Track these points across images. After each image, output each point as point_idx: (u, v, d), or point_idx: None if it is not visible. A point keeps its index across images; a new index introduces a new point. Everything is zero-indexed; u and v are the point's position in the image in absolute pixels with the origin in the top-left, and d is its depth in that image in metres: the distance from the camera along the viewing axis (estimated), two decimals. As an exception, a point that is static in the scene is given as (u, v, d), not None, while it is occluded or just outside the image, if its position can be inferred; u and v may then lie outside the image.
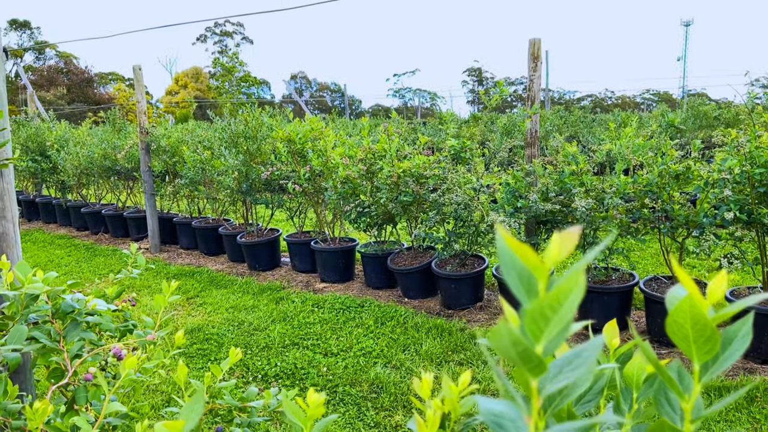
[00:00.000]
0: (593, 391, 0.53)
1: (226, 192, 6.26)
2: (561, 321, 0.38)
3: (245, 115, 5.92)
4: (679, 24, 61.43)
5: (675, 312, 0.46)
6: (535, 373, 0.40)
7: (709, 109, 11.72)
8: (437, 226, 4.85)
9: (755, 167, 3.48)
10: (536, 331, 0.39)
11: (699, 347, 0.47)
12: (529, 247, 0.41)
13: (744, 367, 3.60)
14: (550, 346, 0.39)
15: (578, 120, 13.38)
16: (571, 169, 4.25)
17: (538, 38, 4.72)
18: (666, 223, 3.89)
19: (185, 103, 46.67)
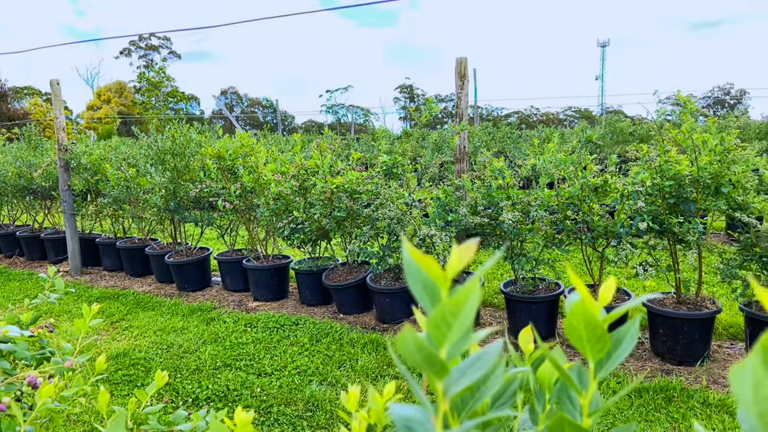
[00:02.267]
0: (506, 395, 0.56)
1: (152, 210, 6.05)
2: (462, 326, 0.41)
3: (173, 131, 5.76)
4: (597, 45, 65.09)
5: (570, 315, 0.50)
6: (440, 376, 0.42)
7: (624, 125, 12.47)
8: (371, 240, 4.88)
9: (665, 180, 3.72)
10: (439, 336, 0.41)
11: (592, 346, 0.50)
12: (433, 258, 0.43)
13: (662, 368, 3.82)
14: (454, 350, 0.42)
15: (505, 136, 13.87)
16: (498, 183, 4.40)
17: (464, 57, 4.88)
18: (587, 233, 4.09)
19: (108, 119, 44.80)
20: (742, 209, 3.79)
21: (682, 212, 3.83)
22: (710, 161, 3.71)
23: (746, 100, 66.46)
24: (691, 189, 3.75)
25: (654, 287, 5.40)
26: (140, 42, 56.02)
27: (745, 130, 11.75)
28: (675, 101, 3.63)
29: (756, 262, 3.75)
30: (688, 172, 3.74)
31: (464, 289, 0.42)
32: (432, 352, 0.40)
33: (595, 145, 10.97)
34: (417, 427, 0.42)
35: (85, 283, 6.57)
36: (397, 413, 0.43)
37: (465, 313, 0.41)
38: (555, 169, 4.28)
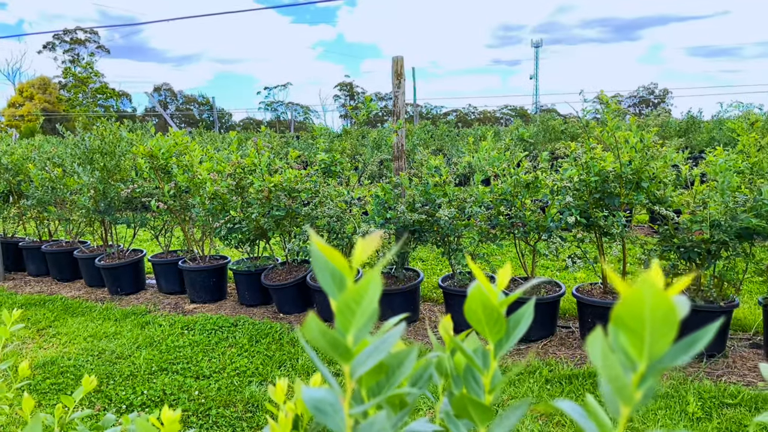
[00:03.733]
0: (423, 379, 0.59)
1: (81, 212, 5.80)
2: (365, 312, 0.44)
3: (101, 130, 5.54)
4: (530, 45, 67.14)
5: (470, 300, 0.54)
6: (346, 359, 0.45)
7: (556, 123, 12.95)
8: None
9: (591, 176, 3.91)
10: (345, 322, 0.44)
11: (491, 328, 0.54)
12: (338, 251, 0.46)
13: (590, 355, 4.01)
14: (359, 334, 0.44)
15: (444, 134, 14.12)
16: (435, 180, 4.49)
17: (400, 56, 4.94)
18: (520, 228, 4.24)
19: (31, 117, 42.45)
20: (661, 203, 4.03)
21: (607, 206, 4.03)
22: (632, 158, 3.92)
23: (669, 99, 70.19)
24: (614, 184, 3.95)
25: (584, 278, 5.65)
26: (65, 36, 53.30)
27: (666, 127, 12.45)
28: (599, 100, 3.82)
29: (674, 252, 4.00)
30: (611, 168, 3.94)
31: (366, 278, 0.45)
32: (335, 337, 0.42)
33: (529, 143, 11.35)
34: (326, 408, 0.44)
35: (8, 289, 6.23)
36: (308, 396, 0.45)
37: (367, 300, 0.44)
38: (489, 166, 4.41)
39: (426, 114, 63.86)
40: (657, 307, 0.38)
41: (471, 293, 0.54)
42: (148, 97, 51.18)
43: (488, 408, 0.53)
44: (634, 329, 0.40)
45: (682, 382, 3.47)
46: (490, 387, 0.57)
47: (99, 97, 52.88)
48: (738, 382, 3.49)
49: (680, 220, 3.93)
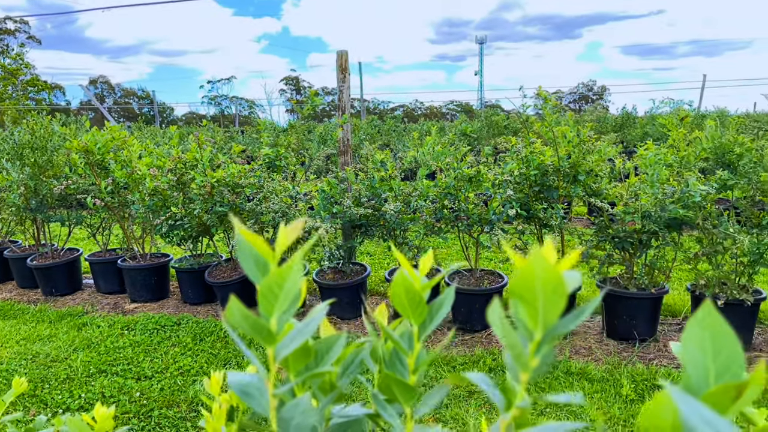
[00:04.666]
0: (355, 363, 0.61)
1: (10, 210, 5.52)
2: (288, 295, 0.45)
3: (32, 124, 5.28)
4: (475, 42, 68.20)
5: (394, 285, 0.56)
6: (269, 342, 0.46)
7: (499, 119, 13.25)
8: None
9: (531, 170, 4.03)
10: (268, 306, 0.45)
11: (414, 311, 0.56)
12: (262, 238, 0.47)
13: (531, 343, 4.14)
14: (283, 317, 0.45)
15: (391, 129, 14.18)
16: (380, 175, 4.52)
17: (345, 50, 4.93)
18: (464, 221, 4.32)
19: (-45, 109, 39.96)
20: (596, 195, 4.20)
21: (546, 199, 4.16)
22: (569, 152, 4.06)
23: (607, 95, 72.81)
24: (553, 177, 4.09)
25: (526, 269, 5.82)
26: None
27: (603, 123, 12.95)
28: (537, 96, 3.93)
29: (609, 242, 4.17)
30: (550, 162, 4.07)
31: (288, 263, 0.46)
32: (257, 321, 0.43)
33: (473, 138, 11.56)
34: (253, 391, 0.45)
35: (-69, 293, 5.86)
36: (234, 381, 0.46)
37: (289, 284, 0.45)
38: (433, 161, 4.47)
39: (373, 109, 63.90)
40: (547, 280, 0.41)
41: (395, 279, 0.56)
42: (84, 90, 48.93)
43: (412, 387, 0.55)
44: (529, 301, 0.42)
45: (617, 366, 3.64)
46: (414, 367, 0.59)
47: (30, 90, 50.27)
48: (668, 365, 3.69)
49: (614, 212, 4.10)
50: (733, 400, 0.34)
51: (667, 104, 10.72)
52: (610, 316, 4.16)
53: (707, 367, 0.37)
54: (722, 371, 0.36)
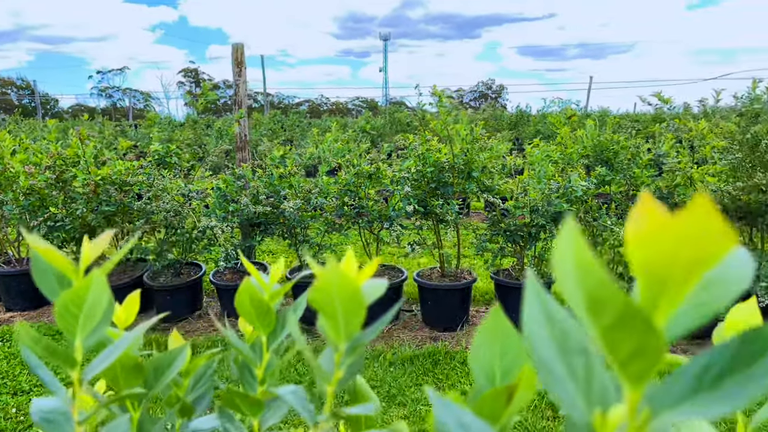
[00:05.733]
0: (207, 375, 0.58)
1: None
2: (93, 312, 0.42)
3: None
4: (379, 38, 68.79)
5: (239, 294, 0.54)
6: (70, 365, 0.42)
7: (402, 116, 13.47)
8: (147, 235, 4.56)
9: (427, 167, 4.12)
10: (68, 326, 0.42)
11: (261, 321, 0.55)
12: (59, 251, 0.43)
13: (431, 336, 4.24)
14: (90, 339, 0.42)
15: (294, 124, 13.99)
16: (280, 172, 4.44)
17: (240, 44, 4.79)
18: (364, 218, 4.34)
19: None
20: (489, 191, 4.37)
21: (443, 195, 4.27)
22: (464, 149, 4.20)
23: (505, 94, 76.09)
24: (448, 174, 4.21)
25: (427, 263, 5.96)
26: None
27: (500, 121, 13.55)
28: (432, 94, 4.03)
29: (502, 236, 4.36)
30: (446, 160, 4.18)
31: (87, 279, 0.43)
32: (50, 343, 0.40)
33: (377, 134, 11.68)
34: (57, 418, 0.41)
35: None
36: (36, 407, 0.42)
37: (91, 301, 0.42)
38: (333, 157, 4.46)
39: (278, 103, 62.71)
40: (345, 292, 0.41)
41: (241, 288, 0.54)
42: (-48, 77, 44.11)
43: (257, 400, 0.53)
44: (330, 313, 0.42)
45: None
46: (262, 378, 0.57)
47: None
48: (555, 350, 3.92)
49: (506, 206, 4.29)
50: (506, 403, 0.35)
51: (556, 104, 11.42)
52: (504, 307, 4.34)
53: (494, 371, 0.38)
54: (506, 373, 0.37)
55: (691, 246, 0.24)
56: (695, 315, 0.27)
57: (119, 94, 58.81)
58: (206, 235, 4.25)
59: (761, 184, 3.54)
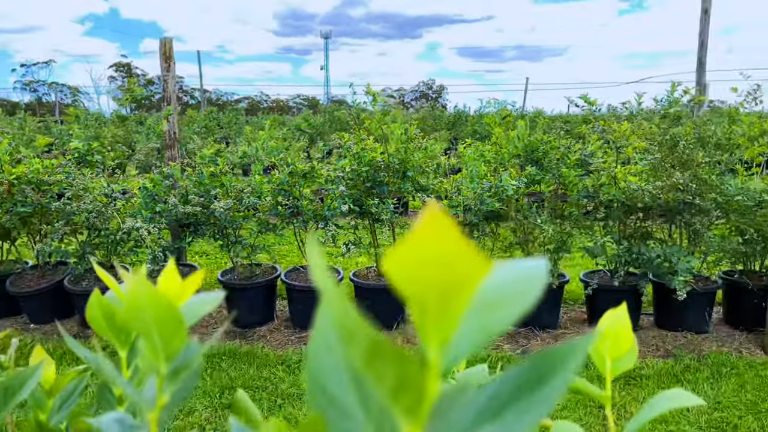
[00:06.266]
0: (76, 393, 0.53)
1: None
2: None
3: None
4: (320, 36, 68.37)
5: (89, 306, 0.49)
6: None
7: (341, 114, 13.40)
8: (68, 237, 4.32)
9: (362, 166, 4.10)
10: None
11: (116, 336, 0.50)
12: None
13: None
14: None
15: (231, 122, 13.66)
16: (210, 171, 4.30)
17: (169, 37, 4.62)
18: (298, 217, 4.28)
19: None
20: (424, 190, 4.39)
21: (378, 194, 4.26)
22: (398, 149, 4.20)
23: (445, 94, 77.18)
24: (384, 173, 4.20)
25: (366, 262, 5.94)
26: None
27: (438, 120, 13.72)
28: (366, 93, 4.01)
29: (437, 235, 4.39)
30: (381, 159, 4.17)
31: None
32: None
33: (316, 133, 11.57)
34: None
35: None
36: None
37: None
38: (266, 156, 4.36)
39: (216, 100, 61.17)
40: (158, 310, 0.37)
41: (90, 300, 0.49)
42: None
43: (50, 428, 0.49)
44: (146, 334, 0.38)
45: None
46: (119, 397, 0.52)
47: None
48: (488, 347, 3.98)
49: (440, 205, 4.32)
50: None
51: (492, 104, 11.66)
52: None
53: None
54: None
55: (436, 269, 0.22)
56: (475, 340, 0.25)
57: (45, 89, 55.76)
58: (132, 237, 4.07)
59: (679, 183, 3.72)
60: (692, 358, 3.68)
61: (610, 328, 0.44)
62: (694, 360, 3.65)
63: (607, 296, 4.10)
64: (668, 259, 3.80)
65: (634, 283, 4.01)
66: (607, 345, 0.44)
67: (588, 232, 4.17)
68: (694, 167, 3.83)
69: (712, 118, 6.51)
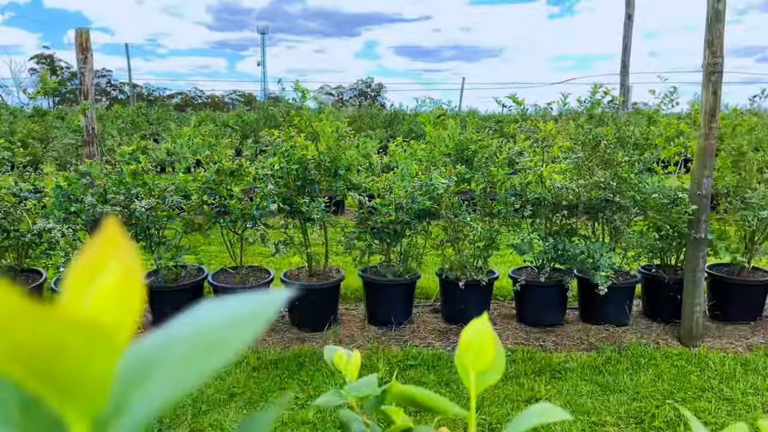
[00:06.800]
0: None
1: None
2: None
3: None
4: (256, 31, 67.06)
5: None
6: None
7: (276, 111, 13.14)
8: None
9: (292, 164, 4.01)
10: None
11: None
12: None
13: (298, 337, 4.14)
14: None
15: (161, 118, 13.15)
16: (132, 168, 4.10)
17: (85, 28, 4.37)
18: (225, 217, 4.14)
19: None
20: (356, 189, 4.35)
21: (309, 193, 4.19)
22: (329, 147, 4.14)
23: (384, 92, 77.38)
24: (314, 172, 4.13)
25: (299, 263, 5.84)
26: None
27: (375, 119, 13.72)
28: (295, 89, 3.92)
29: (369, 233, 4.36)
30: (312, 157, 4.10)
31: None
32: None
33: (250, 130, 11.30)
34: None
35: None
36: None
37: None
38: (191, 153, 4.20)
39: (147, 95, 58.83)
40: None
41: None
42: None
43: None
44: None
45: (375, 351, 3.82)
46: None
47: None
48: (420, 345, 3.98)
49: (372, 203, 4.29)
50: None
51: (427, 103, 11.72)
52: (372, 303, 4.37)
53: None
54: None
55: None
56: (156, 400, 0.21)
57: (-44, 80, 51.88)
58: (45, 239, 3.82)
59: (600, 181, 3.85)
60: (613, 350, 3.81)
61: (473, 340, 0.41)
62: (615, 352, 3.78)
63: (535, 292, 4.19)
64: (591, 255, 3.93)
65: (560, 278, 4.12)
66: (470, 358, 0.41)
67: (516, 229, 4.25)
68: (615, 166, 3.98)
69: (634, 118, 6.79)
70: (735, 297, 4.32)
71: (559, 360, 3.68)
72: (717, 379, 3.44)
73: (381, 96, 76.51)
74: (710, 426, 3.02)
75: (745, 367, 3.59)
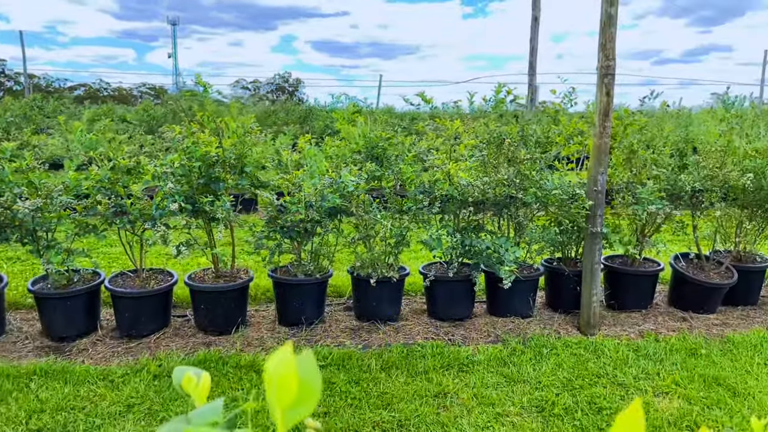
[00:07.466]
0: None
1: None
2: None
3: None
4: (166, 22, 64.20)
5: None
6: None
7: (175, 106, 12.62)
8: None
9: (194, 161, 3.83)
10: None
11: None
12: None
13: (204, 341, 3.97)
14: None
15: (57, 111, 12.24)
16: (15, 166, 3.77)
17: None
18: (122, 217, 3.90)
19: None
20: (264, 186, 4.23)
21: (213, 191, 4.02)
22: (234, 143, 3.99)
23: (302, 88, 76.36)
24: (219, 169, 3.97)
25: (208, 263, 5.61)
26: None
27: (290, 114, 13.50)
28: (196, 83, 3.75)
29: (279, 232, 4.26)
30: (215, 154, 3.94)
31: None
32: None
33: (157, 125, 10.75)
34: None
35: None
36: None
37: None
38: (83, 150, 3.92)
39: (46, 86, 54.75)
40: None
41: None
42: None
43: None
44: None
45: (284, 353, 3.73)
46: None
47: None
48: (331, 344, 3.93)
49: (281, 202, 4.19)
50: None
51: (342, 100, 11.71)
52: (282, 304, 4.27)
53: None
54: None
55: None
56: None
57: None
58: None
59: (504, 178, 3.96)
60: (518, 341, 3.94)
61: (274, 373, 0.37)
62: (519, 343, 3.91)
63: (444, 287, 4.26)
64: (497, 250, 4.04)
65: (468, 273, 4.21)
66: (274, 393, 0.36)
67: (426, 225, 4.29)
68: (518, 164, 4.10)
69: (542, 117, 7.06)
70: (628, 287, 4.59)
71: (467, 354, 3.75)
72: (611, 366, 3.64)
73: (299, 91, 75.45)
74: (605, 411, 3.18)
75: (637, 353, 3.81)
